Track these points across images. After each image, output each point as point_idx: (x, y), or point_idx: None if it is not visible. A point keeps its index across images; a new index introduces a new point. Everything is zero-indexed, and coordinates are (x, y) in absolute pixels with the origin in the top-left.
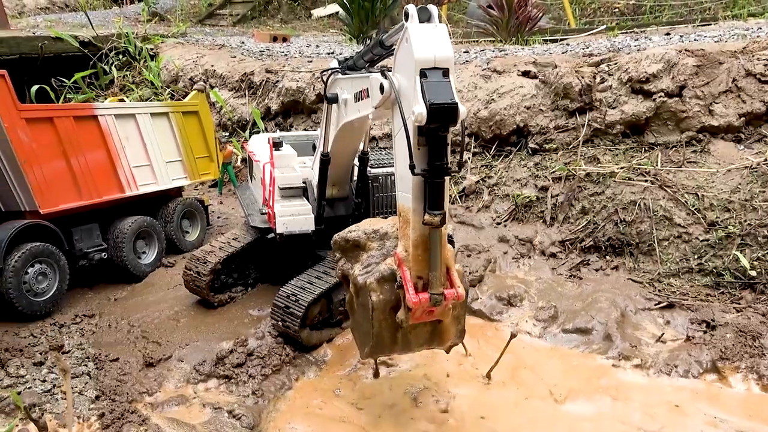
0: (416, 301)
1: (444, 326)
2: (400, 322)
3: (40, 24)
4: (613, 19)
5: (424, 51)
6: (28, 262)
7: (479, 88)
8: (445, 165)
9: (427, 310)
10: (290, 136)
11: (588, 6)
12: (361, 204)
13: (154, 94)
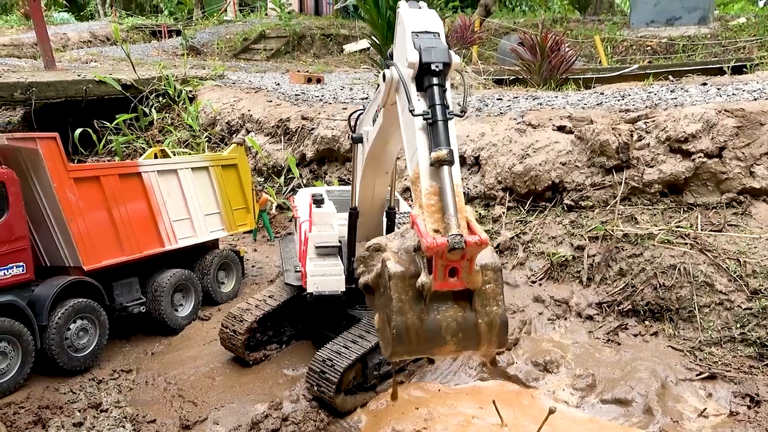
0: (431, 242)
1: (479, 310)
2: (420, 287)
3: (82, 57)
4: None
5: (414, 20)
6: (71, 318)
7: (514, 142)
8: (444, 104)
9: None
10: (338, 191)
11: (620, 44)
12: None
13: (192, 137)
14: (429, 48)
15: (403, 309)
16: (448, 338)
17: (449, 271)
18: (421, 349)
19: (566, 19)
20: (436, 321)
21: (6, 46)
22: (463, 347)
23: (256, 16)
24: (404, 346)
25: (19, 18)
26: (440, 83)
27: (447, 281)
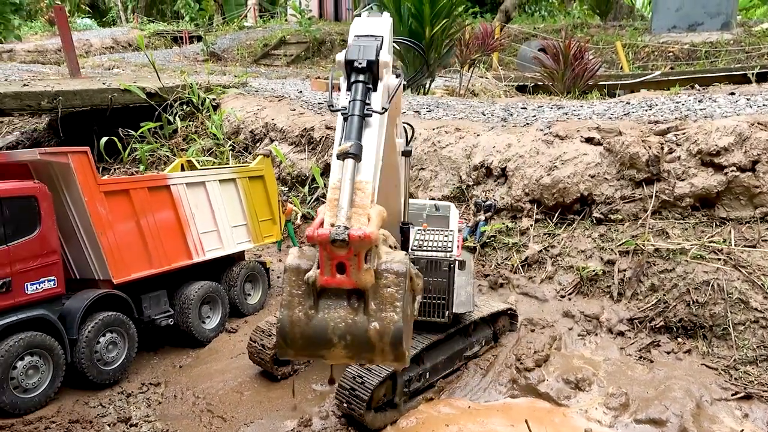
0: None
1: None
2: (307, 280)
3: (104, 63)
4: (666, 64)
5: (359, 26)
6: (101, 331)
7: (541, 154)
8: (362, 100)
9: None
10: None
11: (641, 50)
12: None
13: (216, 145)
14: (357, 47)
15: (291, 303)
16: (335, 340)
17: (339, 267)
18: (308, 350)
19: (587, 24)
20: (323, 320)
21: (30, 52)
22: (355, 354)
23: (276, 22)
24: (290, 344)
25: (43, 24)
26: (363, 80)
27: (335, 277)
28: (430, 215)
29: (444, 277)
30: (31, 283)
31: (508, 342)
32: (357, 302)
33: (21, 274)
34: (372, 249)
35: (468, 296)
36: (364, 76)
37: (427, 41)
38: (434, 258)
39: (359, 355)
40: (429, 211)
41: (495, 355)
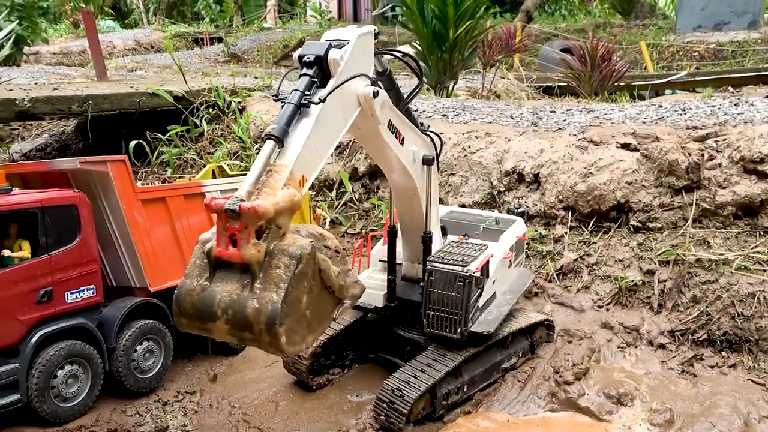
0: (208, 201)
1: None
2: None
3: (128, 64)
4: (692, 64)
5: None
6: (138, 340)
7: (575, 160)
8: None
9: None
10: (460, 213)
11: (666, 50)
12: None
13: (242, 149)
14: (310, 44)
15: (191, 273)
16: (219, 314)
17: (233, 240)
18: (198, 321)
19: (609, 23)
20: (212, 292)
21: (55, 54)
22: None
23: (295, 23)
24: (183, 312)
25: (68, 27)
26: (309, 74)
27: (227, 250)
28: (487, 228)
29: (458, 291)
30: (71, 291)
31: (545, 353)
32: (248, 279)
33: (61, 283)
34: (270, 228)
35: (497, 317)
36: (310, 70)
37: (450, 43)
38: (448, 271)
39: (239, 334)
40: (488, 224)
41: (532, 367)
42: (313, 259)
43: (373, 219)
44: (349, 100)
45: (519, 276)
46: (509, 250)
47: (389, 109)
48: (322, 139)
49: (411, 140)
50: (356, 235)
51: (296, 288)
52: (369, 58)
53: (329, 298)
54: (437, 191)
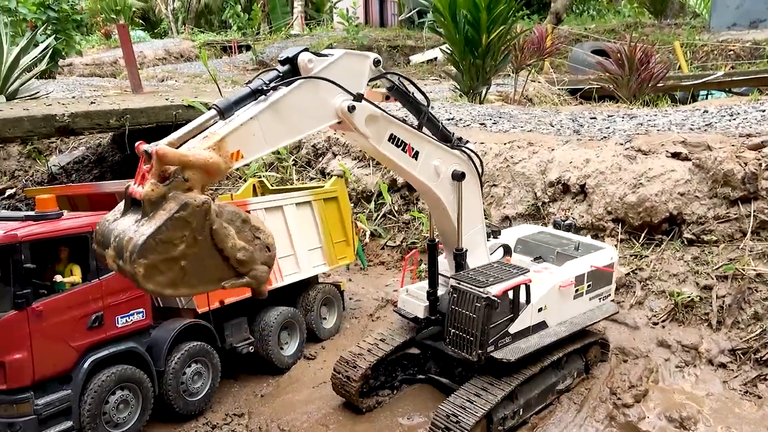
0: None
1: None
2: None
3: (158, 74)
4: (727, 63)
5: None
6: (186, 362)
7: (624, 170)
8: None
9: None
10: (544, 235)
11: (699, 49)
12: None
13: (278, 160)
14: (290, 48)
15: (117, 208)
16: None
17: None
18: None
19: (640, 23)
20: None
21: (88, 65)
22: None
23: (322, 29)
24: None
25: (100, 38)
26: (278, 69)
27: (135, 188)
28: (562, 253)
29: (476, 313)
30: (122, 316)
31: (600, 373)
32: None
33: (112, 308)
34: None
35: (531, 347)
36: (281, 67)
37: (483, 48)
38: (468, 291)
39: (118, 261)
40: (564, 249)
41: (588, 388)
42: (204, 214)
43: (413, 231)
44: (321, 107)
45: (591, 309)
46: (573, 279)
47: (386, 123)
48: (274, 127)
49: (431, 154)
50: (396, 248)
51: (172, 231)
52: (356, 77)
53: (222, 264)
54: (479, 208)
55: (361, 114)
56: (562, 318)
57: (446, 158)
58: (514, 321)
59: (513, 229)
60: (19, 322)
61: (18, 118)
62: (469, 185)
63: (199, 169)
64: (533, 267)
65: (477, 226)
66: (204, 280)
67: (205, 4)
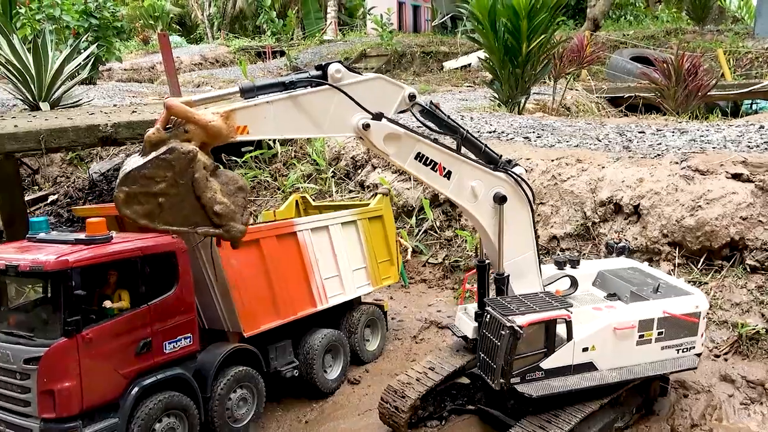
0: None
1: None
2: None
3: (195, 80)
4: None
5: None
6: (232, 388)
7: (681, 191)
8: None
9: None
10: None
11: (743, 56)
12: None
13: (317, 171)
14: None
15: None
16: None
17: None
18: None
19: (681, 30)
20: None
21: (126, 71)
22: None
23: (355, 35)
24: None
25: (137, 43)
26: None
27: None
28: (636, 294)
29: (501, 341)
30: (169, 341)
31: (660, 409)
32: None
33: (160, 333)
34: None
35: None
36: (314, 71)
37: (523, 57)
38: (496, 317)
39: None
40: (638, 289)
41: (647, 426)
42: (188, 162)
43: (456, 249)
44: (337, 116)
45: (660, 359)
46: (635, 323)
47: (411, 141)
48: (286, 118)
49: (467, 175)
50: (438, 265)
51: (155, 169)
52: (384, 102)
53: (199, 211)
54: (529, 234)
55: (379, 132)
56: (617, 363)
57: (487, 180)
58: (548, 356)
59: (600, 261)
60: (68, 350)
61: (63, 129)
62: (516, 210)
63: (200, 127)
64: (601, 303)
65: (526, 253)
66: (179, 220)
67: (240, 9)
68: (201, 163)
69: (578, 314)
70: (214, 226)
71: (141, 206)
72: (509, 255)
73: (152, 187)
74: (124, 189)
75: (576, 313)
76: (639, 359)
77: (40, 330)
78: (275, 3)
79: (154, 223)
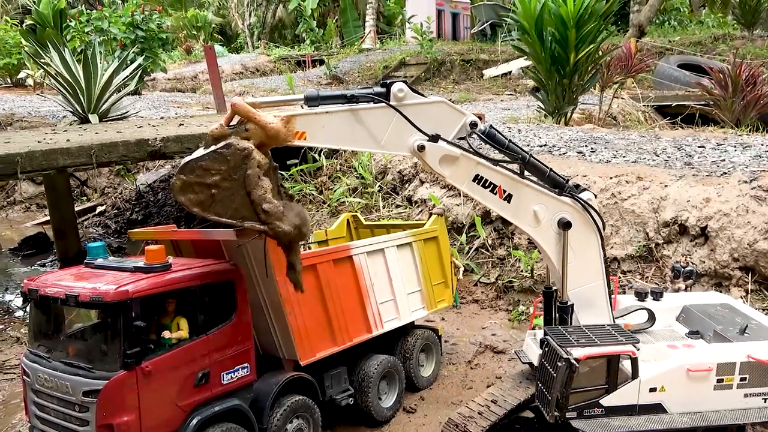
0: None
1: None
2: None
3: (236, 89)
4: None
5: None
6: (288, 418)
7: (752, 213)
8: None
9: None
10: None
11: None
12: None
13: (362, 185)
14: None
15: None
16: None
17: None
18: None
19: (729, 36)
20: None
21: (170, 80)
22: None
23: (394, 44)
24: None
25: (180, 53)
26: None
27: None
28: (720, 333)
29: (556, 372)
30: (227, 372)
31: None
32: None
33: (218, 364)
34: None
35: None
36: (377, 87)
37: (571, 67)
38: (553, 347)
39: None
40: (722, 329)
41: None
42: (243, 158)
43: (509, 268)
44: (393, 135)
45: (742, 407)
46: (713, 365)
47: (469, 164)
48: (343, 129)
49: (529, 199)
50: (491, 285)
51: (211, 161)
52: (443, 126)
53: (248, 206)
54: (597, 263)
55: (434, 154)
56: (691, 407)
57: (551, 205)
58: (610, 393)
59: (687, 295)
60: (128, 383)
61: (113, 143)
62: (582, 237)
63: (260, 127)
64: (679, 341)
65: (594, 282)
66: (229, 213)
67: (279, 18)
68: (255, 161)
69: (650, 351)
70: (261, 223)
71: (195, 195)
72: (575, 283)
73: (207, 178)
74: (182, 177)
75: (648, 350)
76: (716, 405)
77: (99, 361)
78: (314, 12)
79: (205, 213)
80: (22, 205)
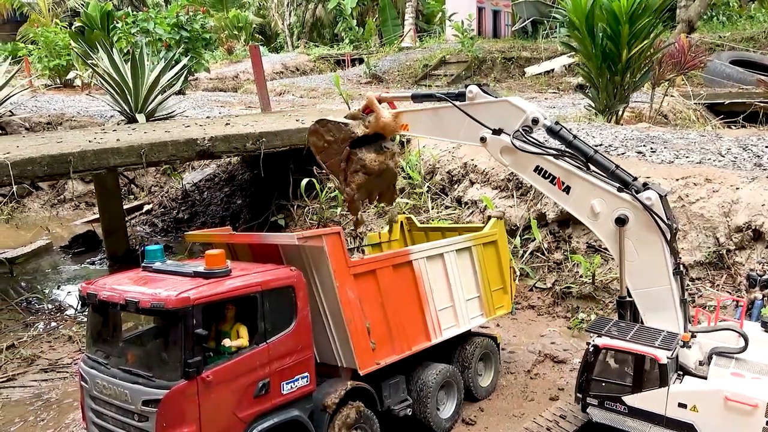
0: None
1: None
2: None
3: (276, 88)
4: None
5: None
6: (349, 430)
7: None
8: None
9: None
10: None
11: None
12: None
13: (410, 186)
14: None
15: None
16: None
17: None
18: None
19: None
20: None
21: (212, 80)
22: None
23: (433, 42)
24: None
25: (222, 53)
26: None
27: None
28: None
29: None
30: (287, 382)
31: None
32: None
33: (278, 373)
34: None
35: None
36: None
37: (623, 64)
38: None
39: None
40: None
41: None
42: (346, 138)
43: (567, 273)
44: (467, 129)
45: None
46: (762, 403)
47: (529, 155)
48: (431, 123)
49: (588, 192)
50: (547, 290)
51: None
52: (505, 121)
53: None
54: (662, 266)
55: (495, 145)
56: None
57: (609, 200)
58: (635, 393)
59: None
60: (188, 393)
61: (162, 143)
62: (641, 236)
63: (377, 113)
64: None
65: (659, 286)
66: (332, 165)
67: (318, 17)
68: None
69: (715, 372)
70: (342, 183)
71: (316, 139)
72: (639, 283)
73: (326, 135)
74: (316, 125)
75: (715, 372)
76: None
77: (159, 369)
78: (354, 11)
79: (316, 154)
80: (71, 203)
